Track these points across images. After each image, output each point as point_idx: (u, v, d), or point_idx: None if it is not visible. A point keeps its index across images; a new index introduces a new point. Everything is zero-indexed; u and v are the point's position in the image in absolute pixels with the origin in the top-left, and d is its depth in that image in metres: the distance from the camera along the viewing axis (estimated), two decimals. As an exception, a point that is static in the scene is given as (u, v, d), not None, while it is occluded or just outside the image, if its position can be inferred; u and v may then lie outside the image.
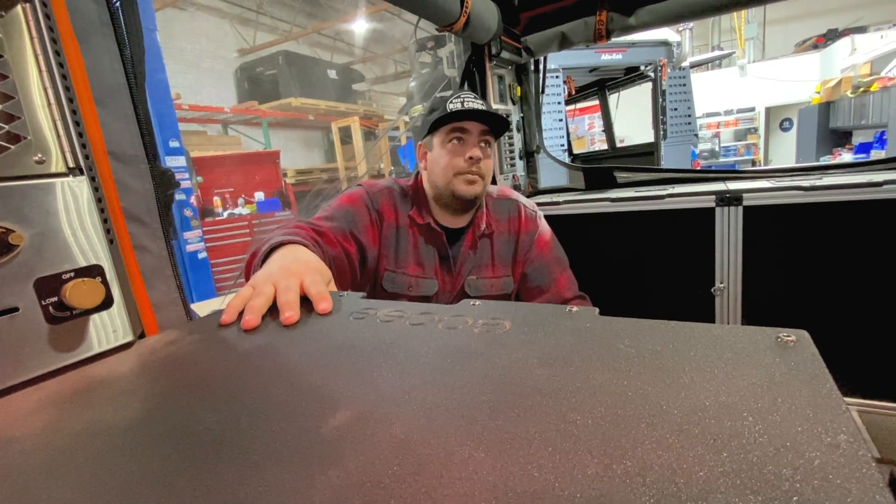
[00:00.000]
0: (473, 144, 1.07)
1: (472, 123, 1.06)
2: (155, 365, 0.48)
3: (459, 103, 1.05)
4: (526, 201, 1.25)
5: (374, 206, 1.11)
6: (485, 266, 1.18)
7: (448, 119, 1.06)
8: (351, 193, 1.12)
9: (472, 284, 1.16)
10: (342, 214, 1.05)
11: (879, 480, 0.21)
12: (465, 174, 1.06)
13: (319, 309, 0.56)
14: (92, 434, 0.35)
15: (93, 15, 0.56)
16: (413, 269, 1.13)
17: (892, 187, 1.10)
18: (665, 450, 0.25)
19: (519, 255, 1.20)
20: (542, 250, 1.22)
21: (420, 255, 1.13)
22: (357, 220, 1.06)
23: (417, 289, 1.13)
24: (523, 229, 1.20)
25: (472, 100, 1.06)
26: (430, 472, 0.26)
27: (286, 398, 0.36)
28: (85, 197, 0.53)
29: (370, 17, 8.99)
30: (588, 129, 9.53)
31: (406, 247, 1.12)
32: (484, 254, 1.18)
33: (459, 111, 1.04)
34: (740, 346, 0.36)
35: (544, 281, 1.20)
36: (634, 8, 1.51)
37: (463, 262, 1.16)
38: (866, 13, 9.60)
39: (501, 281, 1.19)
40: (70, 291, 0.49)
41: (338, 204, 1.08)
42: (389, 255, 1.12)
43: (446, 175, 1.08)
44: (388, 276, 1.12)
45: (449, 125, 1.07)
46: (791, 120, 9.62)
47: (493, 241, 1.18)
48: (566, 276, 1.22)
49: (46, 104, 0.51)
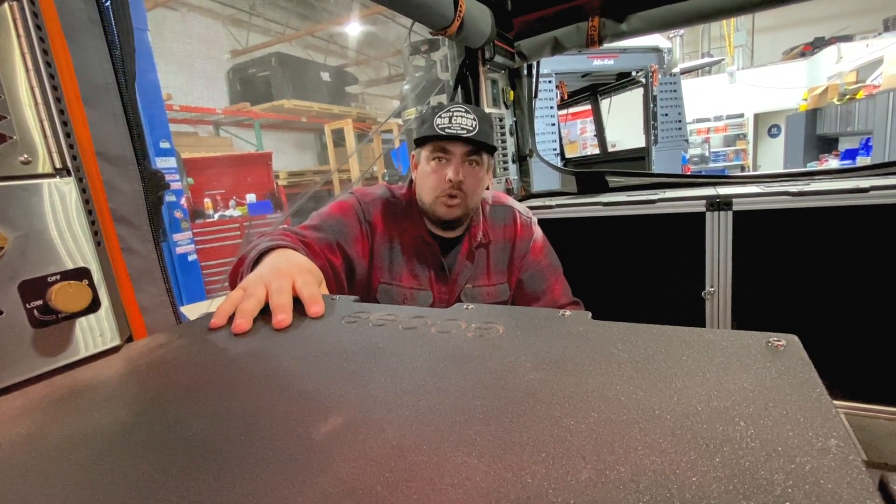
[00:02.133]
0: (456, 167, 1.02)
1: (455, 144, 1.02)
2: (142, 369, 0.47)
3: (447, 118, 1.01)
4: (520, 207, 1.25)
5: (367, 216, 1.08)
6: (481, 275, 1.16)
7: (431, 137, 1.03)
8: (342, 202, 1.09)
9: (468, 293, 1.14)
10: (330, 225, 1.02)
11: (870, 485, 0.21)
12: (444, 197, 1.03)
13: (311, 312, 0.55)
14: (77, 440, 0.34)
15: (82, 13, 0.55)
16: (407, 281, 1.11)
17: (878, 193, 1.12)
18: (658, 455, 0.25)
19: (515, 262, 1.19)
20: (537, 257, 1.21)
21: (414, 267, 1.11)
22: (346, 231, 1.03)
23: (413, 300, 1.11)
24: (519, 235, 1.19)
25: (460, 115, 1.02)
26: (422, 478, 0.26)
27: (276, 403, 0.36)
28: (72, 198, 0.52)
29: (364, 20, 8.99)
30: (580, 133, 9.60)
31: (400, 258, 1.10)
32: (480, 263, 1.16)
33: (442, 135, 1.00)
34: (731, 350, 0.36)
35: (539, 288, 1.20)
36: (626, 14, 1.52)
37: (459, 273, 1.14)
38: (852, 22, 9.79)
39: (497, 289, 1.18)
40: (56, 294, 0.48)
41: (328, 213, 1.05)
42: (384, 267, 1.10)
43: (429, 196, 1.05)
44: (382, 288, 1.10)
45: (433, 143, 1.04)
46: (779, 126, 9.77)
47: (489, 250, 1.17)
48: (560, 282, 1.22)
49: (33, 103, 0.50)
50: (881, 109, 5.66)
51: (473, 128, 1.01)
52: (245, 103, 7.86)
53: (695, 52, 11.78)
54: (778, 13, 10.22)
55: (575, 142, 9.42)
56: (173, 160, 4.31)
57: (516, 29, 1.73)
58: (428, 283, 1.12)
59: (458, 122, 1.01)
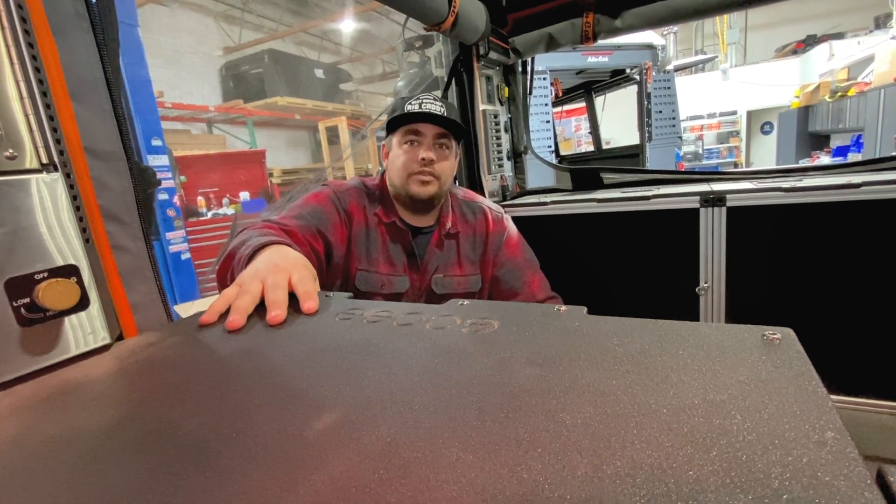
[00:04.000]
0: (427, 146, 1.08)
1: (427, 126, 1.08)
2: (133, 368, 0.46)
3: (417, 105, 1.07)
4: (490, 204, 1.29)
5: (343, 205, 1.11)
6: (451, 264, 1.19)
7: (403, 120, 1.07)
8: (318, 192, 1.11)
9: (438, 282, 1.17)
10: (310, 212, 1.04)
11: (867, 477, 0.21)
12: (417, 174, 1.08)
13: (305, 308, 0.55)
14: (66, 440, 0.33)
15: (68, 7, 0.54)
16: (384, 268, 1.13)
17: (869, 189, 1.13)
18: (655, 449, 0.25)
19: (488, 256, 1.22)
20: (513, 252, 1.24)
21: (390, 254, 1.14)
22: (325, 218, 1.06)
23: (390, 287, 1.13)
24: (491, 230, 1.23)
25: (430, 101, 1.08)
26: (417, 475, 0.25)
27: (269, 401, 0.35)
28: (59, 194, 0.51)
29: (358, 17, 8.93)
30: (575, 130, 9.61)
31: (377, 246, 1.13)
32: (451, 252, 1.20)
33: (414, 113, 1.05)
34: (727, 344, 0.36)
35: (517, 283, 1.22)
36: (620, 10, 1.52)
37: (429, 260, 1.17)
38: (844, 20, 9.86)
39: (468, 279, 1.20)
40: (43, 292, 0.47)
41: (304, 202, 1.08)
42: (361, 255, 1.12)
43: (401, 176, 1.10)
44: (360, 275, 1.12)
45: (405, 127, 1.09)
46: (771, 123, 9.83)
47: (458, 240, 1.20)
48: (538, 277, 1.25)
49: (18, 98, 0.49)
50: (872, 106, 5.71)
51: (442, 113, 1.07)
52: (238, 100, 7.80)
53: (688, 50, 11.83)
54: (770, 11, 10.27)
55: (570, 139, 9.43)
56: (165, 158, 4.26)
57: (511, 25, 1.73)
58: (402, 269, 1.15)
59: (427, 107, 1.07)
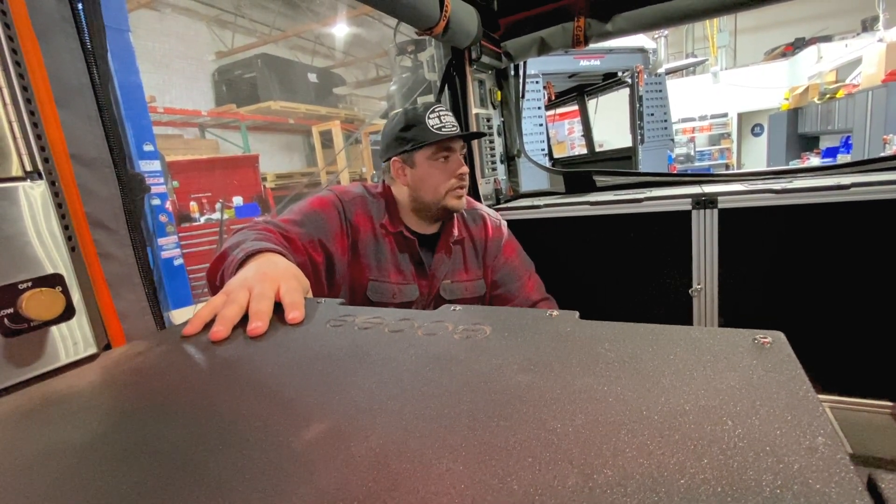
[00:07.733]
0: (458, 161, 1.13)
1: (456, 141, 1.12)
2: (119, 378, 0.45)
3: (437, 119, 1.08)
4: (489, 211, 1.32)
5: (348, 215, 1.09)
6: (458, 270, 1.21)
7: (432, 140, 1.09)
8: (322, 198, 1.09)
9: (447, 288, 1.18)
10: (312, 220, 1.02)
11: (858, 484, 0.21)
12: (457, 189, 1.12)
13: (289, 318, 0.53)
14: (49, 453, 0.32)
15: (53, 12, 0.53)
16: (394, 277, 1.13)
17: (858, 190, 1.14)
18: (646, 457, 0.25)
19: (487, 261, 1.25)
20: (510, 256, 1.27)
21: (398, 263, 1.14)
22: (327, 228, 1.04)
23: (401, 296, 1.14)
24: (490, 237, 1.25)
25: (444, 112, 1.11)
26: (406, 487, 0.25)
27: (257, 412, 0.35)
28: (43, 202, 0.50)
29: (350, 21, 8.94)
30: (568, 133, 9.65)
31: (386, 255, 1.13)
32: (457, 258, 1.21)
33: (447, 135, 1.08)
34: (718, 348, 0.36)
35: (514, 286, 1.25)
36: (611, 14, 1.53)
37: (437, 267, 1.18)
38: (831, 23, 9.99)
39: (475, 284, 1.22)
40: (27, 302, 0.46)
41: (308, 208, 1.05)
42: (371, 265, 1.11)
43: (437, 192, 1.11)
44: (372, 285, 1.11)
45: (436, 144, 1.10)
46: (762, 125, 9.94)
47: (464, 246, 1.23)
48: (533, 279, 1.28)
49: (2, 104, 0.48)
50: (860, 108, 5.78)
51: (455, 123, 1.12)
52: (231, 105, 7.76)
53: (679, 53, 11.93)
54: (759, 14, 10.40)
55: (563, 142, 9.47)
56: (157, 163, 4.23)
57: (502, 29, 1.73)
58: (412, 277, 1.16)
59: (447, 120, 1.10)
